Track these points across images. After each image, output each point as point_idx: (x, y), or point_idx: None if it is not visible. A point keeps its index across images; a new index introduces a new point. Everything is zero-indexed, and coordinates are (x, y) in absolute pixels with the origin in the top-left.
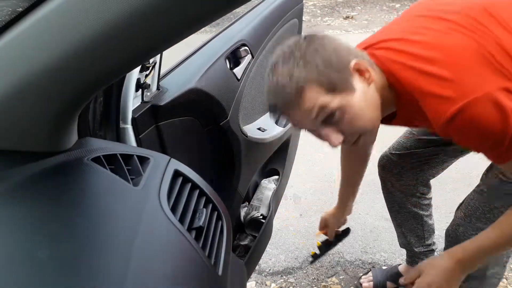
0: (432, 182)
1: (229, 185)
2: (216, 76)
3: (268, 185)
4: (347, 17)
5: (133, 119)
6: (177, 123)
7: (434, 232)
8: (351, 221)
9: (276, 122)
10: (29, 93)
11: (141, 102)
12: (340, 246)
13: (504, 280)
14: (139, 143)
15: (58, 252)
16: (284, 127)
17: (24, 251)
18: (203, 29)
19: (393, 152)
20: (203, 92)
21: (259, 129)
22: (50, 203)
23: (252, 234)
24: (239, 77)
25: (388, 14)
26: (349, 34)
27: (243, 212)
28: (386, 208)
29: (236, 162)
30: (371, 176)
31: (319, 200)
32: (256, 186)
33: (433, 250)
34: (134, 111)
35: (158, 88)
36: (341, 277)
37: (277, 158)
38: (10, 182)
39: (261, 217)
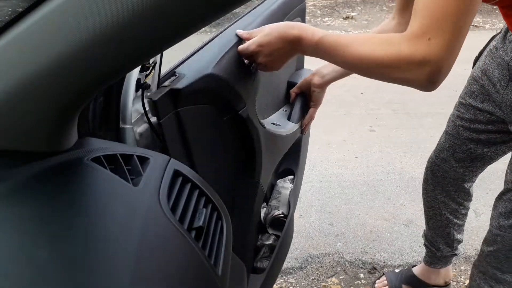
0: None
1: (250, 177)
2: (231, 64)
3: (285, 185)
4: (347, 17)
5: (153, 102)
6: (195, 110)
7: (462, 241)
8: (351, 221)
9: (288, 118)
10: (29, 93)
11: (157, 88)
12: (340, 246)
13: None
14: (160, 128)
15: (58, 252)
16: (296, 122)
17: (24, 251)
18: (203, 29)
19: (441, 156)
20: (220, 79)
21: (273, 124)
22: (50, 203)
23: (275, 234)
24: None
25: (388, 14)
26: None
27: (262, 212)
28: (386, 209)
29: (257, 152)
30: (371, 177)
31: (319, 200)
32: (272, 187)
33: (455, 255)
34: (152, 94)
35: (174, 74)
36: (341, 277)
37: (290, 158)
38: (10, 182)
39: (282, 215)
